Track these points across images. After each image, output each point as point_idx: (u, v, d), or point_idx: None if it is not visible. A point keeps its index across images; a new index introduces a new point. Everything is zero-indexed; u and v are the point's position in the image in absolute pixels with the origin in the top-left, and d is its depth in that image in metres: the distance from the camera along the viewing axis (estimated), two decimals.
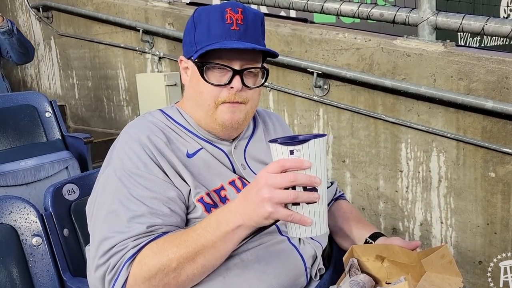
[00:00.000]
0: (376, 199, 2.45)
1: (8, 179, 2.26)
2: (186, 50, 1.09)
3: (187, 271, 0.90)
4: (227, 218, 0.88)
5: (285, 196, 0.81)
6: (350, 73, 2.34)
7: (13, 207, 1.32)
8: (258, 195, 0.83)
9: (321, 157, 0.82)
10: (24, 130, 2.61)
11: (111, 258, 0.93)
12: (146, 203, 0.96)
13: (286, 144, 0.81)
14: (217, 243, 0.89)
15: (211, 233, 0.89)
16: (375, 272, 1.08)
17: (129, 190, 0.97)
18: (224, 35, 1.01)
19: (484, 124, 2.03)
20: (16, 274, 1.27)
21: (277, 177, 0.81)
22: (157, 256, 0.90)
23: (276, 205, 0.81)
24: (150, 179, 0.98)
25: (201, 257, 0.90)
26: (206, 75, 1.03)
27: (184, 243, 0.90)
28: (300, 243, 1.09)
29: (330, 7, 2.50)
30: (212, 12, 1.03)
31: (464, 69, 2.02)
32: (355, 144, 2.47)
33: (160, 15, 3.30)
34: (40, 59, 4.49)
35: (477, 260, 2.14)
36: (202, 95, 1.05)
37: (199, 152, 1.07)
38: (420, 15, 2.19)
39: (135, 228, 0.93)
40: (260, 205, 0.83)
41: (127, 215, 0.94)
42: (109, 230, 0.95)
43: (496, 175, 2.03)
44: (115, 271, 0.92)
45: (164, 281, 0.90)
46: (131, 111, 3.78)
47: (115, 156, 1.03)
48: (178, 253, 0.89)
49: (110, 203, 0.97)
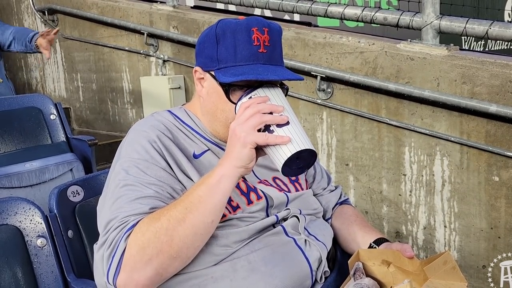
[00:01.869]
0: (380, 202, 2.44)
1: (13, 180, 2.27)
2: (203, 62, 1.07)
3: (179, 233, 0.90)
4: (211, 172, 0.94)
5: (252, 120, 0.90)
6: (354, 77, 2.35)
7: (18, 208, 1.33)
8: (232, 136, 0.92)
9: (279, 94, 0.96)
10: (29, 132, 2.63)
11: (111, 233, 0.93)
12: (152, 188, 0.97)
13: (246, 95, 0.95)
14: (203, 198, 0.92)
15: (197, 189, 0.93)
16: (380, 277, 1.07)
17: (136, 179, 0.98)
18: (251, 58, 1.00)
19: (488, 128, 2.03)
20: (21, 275, 1.28)
21: (243, 113, 0.92)
22: (151, 221, 0.91)
23: (248, 130, 0.90)
24: (156, 170, 1.00)
25: (189, 215, 0.91)
26: (231, 95, 1.02)
27: (173, 205, 0.93)
28: (306, 245, 1.09)
29: (334, 11, 2.51)
30: (239, 31, 1.01)
31: (467, 73, 2.02)
32: (359, 148, 2.47)
33: (165, 18, 3.32)
34: (45, 62, 4.51)
35: (480, 265, 2.13)
36: (224, 113, 1.05)
37: (206, 153, 1.08)
38: (424, 19, 2.19)
39: (137, 207, 0.94)
40: (234, 139, 0.91)
41: (132, 197, 0.96)
42: (114, 211, 0.96)
43: (500, 179, 2.03)
44: (113, 246, 0.92)
45: (157, 248, 0.89)
46: (135, 114, 3.80)
47: (124, 152, 1.05)
48: (167, 214, 0.91)
49: (117, 191, 0.98)
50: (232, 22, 1.03)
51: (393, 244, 1.12)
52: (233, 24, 1.02)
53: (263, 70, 0.99)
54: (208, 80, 1.06)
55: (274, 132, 0.90)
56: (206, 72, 1.06)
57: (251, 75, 0.97)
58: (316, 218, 1.20)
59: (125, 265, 0.90)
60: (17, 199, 1.35)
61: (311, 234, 1.12)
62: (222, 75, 1.01)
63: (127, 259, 0.90)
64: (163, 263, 0.90)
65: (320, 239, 1.12)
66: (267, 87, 0.96)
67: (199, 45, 1.08)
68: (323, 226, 1.20)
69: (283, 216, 1.11)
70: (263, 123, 0.90)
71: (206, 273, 0.98)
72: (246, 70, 0.99)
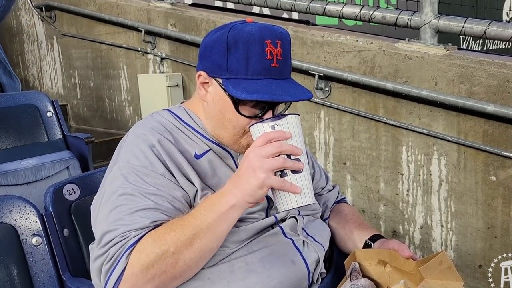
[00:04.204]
0: (377, 202, 2.44)
1: (9, 178, 2.26)
2: (209, 68, 1.03)
3: (185, 256, 0.90)
4: (220, 199, 0.91)
5: (274, 163, 0.87)
6: (352, 76, 2.34)
7: (13, 207, 1.32)
8: (249, 167, 0.88)
9: (299, 131, 0.91)
10: (25, 130, 2.62)
11: (111, 248, 0.92)
12: (151, 199, 0.96)
13: (267, 121, 0.90)
14: (212, 225, 0.90)
15: (206, 215, 0.91)
16: (377, 277, 1.08)
17: (135, 187, 0.97)
18: (264, 72, 0.99)
19: (485, 128, 2.03)
20: (16, 273, 1.27)
21: (265, 147, 0.88)
22: (156, 242, 0.90)
23: (267, 171, 0.87)
24: (156, 177, 0.99)
25: (197, 241, 0.90)
26: (240, 108, 1.01)
27: (180, 228, 0.91)
28: (304, 246, 1.09)
29: (332, 10, 2.50)
30: (252, 42, 0.98)
31: (465, 72, 2.02)
32: (356, 147, 2.46)
33: (163, 16, 3.31)
34: (42, 59, 4.50)
35: (477, 264, 2.14)
36: (231, 122, 1.04)
37: (207, 153, 1.07)
38: (422, 18, 2.19)
39: (139, 221, 0.93)
40: (252, 175, 0.87)
41: (132, 209, 0.95)
42: (113, 223, 0.95)
43: (497, 179, 2.03)
44: (113, 261, 0.91)
45: (162, 269, 0.89)
46: (132, 111, 3.79)
47: (122, 155, 1.04)
48: (175, 237, 0.90)
49: (115, 199, 0.97)
50: (245, 31, 0.99)
51: (389, 241, 1.12)
52: (246, 33, 0.99)
53: (276, 89, 0.98)
54: (214, 87, 1.04)
55: (288, 176, 0.89)
56: (211, 78, 1.04)
57: (266, 95, 0.96)
58: (315, 219, 1.20)
59: (125, 281, 0.90)
60: (12, 197, 1.34)
61: (309, 235, 1.12)
62: (233, 87, 0.98)
63: (129, 276, 0.90)
64: (164, 281, 0.91)
65: (318, 240, 1.12)
66: (290, 116, 0.92)
67: (205, 48, 1.04)
68: (321, 227, 1.20)
69: (282, 217, 1.11)
70: (283, 168, 0.88)
71: (204, 274, 0.98)
72: (259, 87, 0.97)
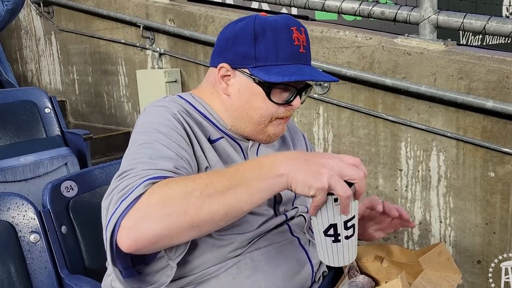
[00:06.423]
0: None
1: (7, 175, 2.26)
2: (232, 59, 1.02)
3: (212, 205, 0.75)
4: (272, 163, 0.78)
5: (351, 170, 0.78)
6: (351, 72, 2.34)
7: (11, 204, 1.32)
8: (323, 159, 0.77)
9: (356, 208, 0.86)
10: (23, 126, 2.61)
11: (125, 180, 0.81)
12: (172, 149, 0.90)
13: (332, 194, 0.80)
14: (254, 184, 0.77)
15: (251, 171, 0.78)
16: (374, 273, 1.08)
17: (156, 139, 0.91)
18: (293, 57, 1.00)
19: (484, 123, 2.02)
20: (14, 271, 1.27)
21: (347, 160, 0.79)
22: (182, 180, 0.79)
23: (338, 172, 0.77)
24: (177, 136, 0.94)
25: (232, 193, 0.76)
26: (272, 94, 1.01)
27: (216, 175, 0.80)
28: (310, 245, 1.09)
29: (331, 5, 2.49)
30: (279, 29, 0.99)
31: (464, 68, 2.01)
32: (355, 143, 2.46)
33: (161, 11, 3.29)
34: (40, 54, 4.48)
35: (475, 260, 2.14)
36: (260, 110, 1.03)
37: (221, 140, 1.05)
38: (422, 13, 2.18)
39: (161, 164, 0.84)
40: (320, 167, 0.76)
41: (153, 155, 0.86)
42: (131, 163, 0.85)
43: (496, 175, 2.03)
44: (127, 189, 0.78)
45: (183, 208, 0.75)
46: (131, 107, 3.78)
47: (140, 122, 0.99)
48: (207, 179, 0.77)
49: (135, 150, 0.90)
50: (270, 20, 1.00)
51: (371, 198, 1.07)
52: (272, 21, 1.00)
53: (309, 71, 0.99)
54: (238, 78, 1.03)
55: (340, 242, 0.82)
56: (234, 69, 1.03)
57: (305, 76, 0.96)
58: None
59: (137, 209, 0.75)
60: (10, 194, 1.34)
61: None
62: (265, 73, 0.98)
63: (142, 205, 0.76)
64: (181, 226, 0.76)
65: None
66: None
67: (227, 40, 1.03)
68: None
69: (292, 215, 1.11)
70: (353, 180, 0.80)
71: (210, 270, 0.97)
72: (292, 70, 0.98)
